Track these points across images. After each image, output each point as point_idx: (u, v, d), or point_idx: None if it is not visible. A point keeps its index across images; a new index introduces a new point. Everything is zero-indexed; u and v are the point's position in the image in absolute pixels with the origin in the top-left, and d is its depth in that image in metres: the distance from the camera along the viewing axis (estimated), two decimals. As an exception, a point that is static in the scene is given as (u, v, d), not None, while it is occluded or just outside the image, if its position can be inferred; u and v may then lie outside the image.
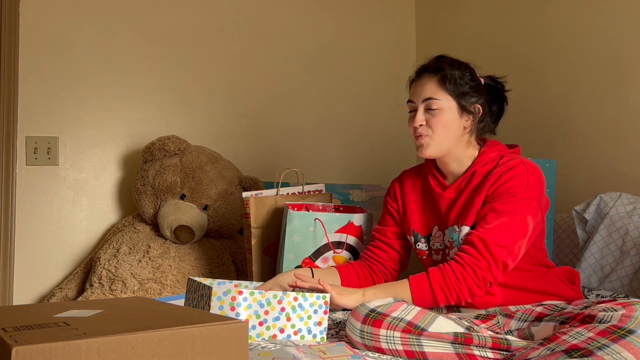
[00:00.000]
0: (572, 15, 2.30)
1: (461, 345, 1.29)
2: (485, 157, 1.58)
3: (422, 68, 1.61)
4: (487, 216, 1.48)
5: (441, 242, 1.62)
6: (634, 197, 1.96)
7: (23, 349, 0.75)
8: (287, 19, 2.75)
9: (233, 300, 1.37)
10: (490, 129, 1.65)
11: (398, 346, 1.30)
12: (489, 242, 1.45)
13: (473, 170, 1.58)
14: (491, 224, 1.46)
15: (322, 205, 1.95)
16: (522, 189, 1.49)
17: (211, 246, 2.28)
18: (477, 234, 1.47)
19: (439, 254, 1.62)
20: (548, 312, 1.37)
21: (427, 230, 1.65)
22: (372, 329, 1.33)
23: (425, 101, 1.56)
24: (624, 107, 2.13)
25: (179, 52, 2.52)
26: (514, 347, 1.28)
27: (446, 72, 1.56)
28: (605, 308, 1.20)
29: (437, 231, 1.63)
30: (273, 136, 2.70)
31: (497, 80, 1.66)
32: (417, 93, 1.58)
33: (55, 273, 2.31)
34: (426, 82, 1.57)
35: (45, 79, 2.30)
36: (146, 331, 0.82)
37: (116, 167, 2.43)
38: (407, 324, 1.31)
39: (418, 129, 1.57)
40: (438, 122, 1.55)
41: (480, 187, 1.54)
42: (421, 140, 1.57)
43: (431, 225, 1.65)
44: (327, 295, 1.44)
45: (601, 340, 1.13)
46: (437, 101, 1.55)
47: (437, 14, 2.96)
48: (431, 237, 1.64)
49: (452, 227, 1.57)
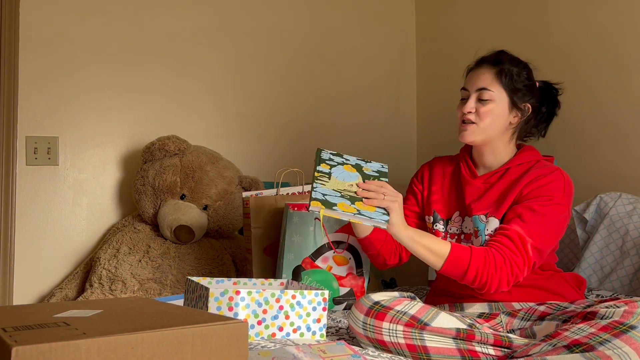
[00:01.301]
0: (572, 15, 2.30)
1: (463, 340, 1.29)
2: (521, 158, 1.62)
3: (483, 59, 1.65)
4: (525, 215, 1.49)
5: (458, 227, 1.63)
6: (634, 197, 1.96)
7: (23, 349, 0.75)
8: (287, 19, 2.75)
9: (231, 300, 1.37)
10: (535, 130, 1.69)
11: (400, 339, 1.31)
12: (526, 242, 1.46)
13: (507, 167, 1.61)
14: (529, 224, 1.47)
15: (322, 205, 1.95)
16: (560, 194, 1.52)
17: (211, 246, 2.28)
18: (516, 230, 1.47)
19: (454, 238, 1.63)
20: (551, 312, 1.39)
21: (448, 214, 1.66)
22: (375, 321, 1.34)
23: (479, 90, 1.58)
24: (624, 107, 2.13)
25: (179, 52, 2.52)
26: (515, 344, 1.29)
27: (504, 66, 1.59)
28: (608, 305, 1.21)
29: (457, 216, 1.64)
30: (273, 136, 2.70)
31: (552, 86, 1.70)
32: (472, 81, 1.61)
33: (55, 273, 2.31)
34: (483, 72, 1.60)
35: (45, 79, 2.30)
36: (146, 331, 0.82)
37: (116, 167, 2.43)
38: (410, 317, 1.32)
39: (466, 115, 1.59)
40: (487, 112, 1.57)
41: (514, 185, 1.56)
42: (466, 126, 1.59)
43: (452, 210, 1.66)
44: (325, 292, 1.44)
45: (603, 335, 1.14)
46: (490, 92, 1.57)
47: (437, 14, 2.95)
48: (450, 221, 1.65)
49: (477, 217, 1.58)
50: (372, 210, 1.44)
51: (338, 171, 1.52)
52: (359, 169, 1.56)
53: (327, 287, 1.83)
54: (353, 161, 1.58)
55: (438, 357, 1.29)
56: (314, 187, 1.45)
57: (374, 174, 1.56)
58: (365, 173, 1.55)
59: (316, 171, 1.50)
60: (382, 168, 1.60)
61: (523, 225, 1.47)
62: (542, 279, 1.56)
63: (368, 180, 1.52)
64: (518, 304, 1.52)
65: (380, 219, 1.44)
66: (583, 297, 1.60)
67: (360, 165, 1.57)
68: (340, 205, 1.42)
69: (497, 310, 1.52)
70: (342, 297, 1.87)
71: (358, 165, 1.57)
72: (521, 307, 1.50)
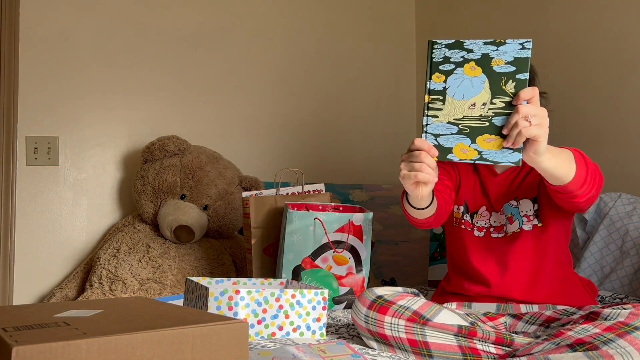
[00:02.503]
0: (572, 15, 2.30)
1: (464, 337, 1.30)
2: None
3: None
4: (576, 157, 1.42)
5: (487, 221, 1.62)
6: (634, 197, 1.96)
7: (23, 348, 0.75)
8: (287, 19, 2.75)
9: (230, 300, 1.37)
10: None
11: (402, 334, 1.31)
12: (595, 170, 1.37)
13: None
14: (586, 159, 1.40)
15: (322, 205, 1.95)
16: None
17: (211, 246, 2.28)
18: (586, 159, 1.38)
19: (482, 231, 1.61)
20: (557, 317, 1.38)
21: (474, 208, 1.65)
22: (378, 315, 1.34)
23: None
24: (624, 107, 2.13)
25: (179, 52, 2.52)
26: (517, 342, 1.29)
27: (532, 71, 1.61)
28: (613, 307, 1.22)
29: (484, 211, 1.63)
30: (273, 136, 2.70)
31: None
32: None
33: (55, 273, 2.32)
34: None
35: (45, 79, 2.30)
36: (146, 331, 0.83)
37: (116, 167, 2.43)
38: (413, 313, 1.33)
39: None
40: None
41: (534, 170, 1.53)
42: None
43: (478, 204, 1.64)
44: (325, 291, 1.44)
45: (607, 335, 1.14)
46: None
47: (437, 14, 2.96)
48: (476, 215, 1.64)
49: (507, 204, 1.57)
50: (493, 147, 1.16)
51: (456, 82, 1.16)
52: (485, 66, 1.16)
53: (326, 287, 1.83)
54: (477, 51, 1.16)
55: (439, 352, 1.30)
56: (426, 125, 1.17)
57: (507, 71, 1.15)
58: (495, 72, 1.16)
59: (427, 93, 1.16)
60: (521, 52, 1.15)
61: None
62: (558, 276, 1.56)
63: (497, 88, 1.16)
64: (524, 307, 1.52)
65: (509, 160, 1.16)
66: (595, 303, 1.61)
67: (489, 58, 1.16)
68: (456, 150, 1.17)
69: (504, 312, 1.53)
70: (342, 296, 1.87)
71: (485, 59, 1.16)
72: (527, 311, 1.51)
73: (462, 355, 1.29)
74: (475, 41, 1.15)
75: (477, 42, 1.15)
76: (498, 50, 1.15)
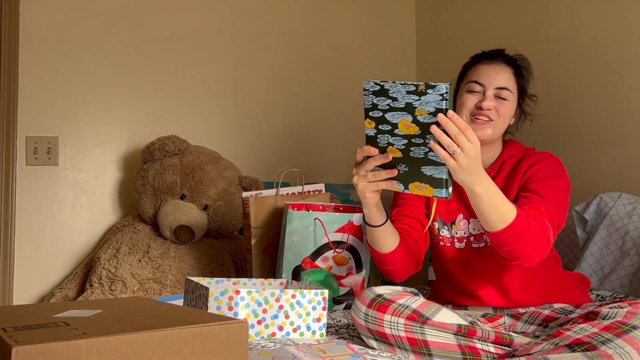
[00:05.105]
0: (572, 15, 2.30)
1: (464, 337, 1.30)
2: (510, 151, 1.60)
3: (496, 53, 1.60)
4: (541, 191, 1.46)
5: (466, 230, 1.59)
6: (634, 197, 1.96)
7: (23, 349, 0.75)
8: (287, 19, 2.75)
9: (230, 300, 1.37)
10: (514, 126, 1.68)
11: (401, 332, 1.31)
12: (553, 217, 1.42)
13: (501, 161, 1.59)
14: (548, 200, 1.44)
15: (322, 205, 1.95)
16: (561, 170, 1.53)
17: (211, 246, 2.28)
18: (543, 206, 1.42)
19: (462, 242, 1.59)
20: (555, 316, 1.38)
21: (451, 218, 1.60)
22: (377, 313, 1.34)
23: (499, 89, 1.54)
24: (624, 107, 2.13)
25: (179, 52, 2.52)
26: (516, 342, 1.29)
27: (521, 66, 1.59)
28: (611, 306, 1.22)
29: (461, 220, 1.59)
30: (273, 136, 2.70)
31: None
32: (490, 77, 1.54)
33: (55, 273, 2.32)
34: (502, 69, 1.56)
35: (45, 79, 2.30)
36: (146, 331, 0.83)
37: (116, 167, 2.43)
38: (412, 311, 1.32)
39: (485, 111, 1.52)
40: (505, 112, 1.54)
41: (513, 174, 1.55)
42: (487, 123, 1.52)
43: (455, 213, 1.60)
44: (325, 292, 1.44)
45: (605, 335, 1.14)
46: (509, 93, 1.54)
47: (437, 14, 2.95)
48: (454, 225, 1.61)
49: None
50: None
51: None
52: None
53: (326, 287, 1.83)
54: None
55: (438, 351, 1.29)
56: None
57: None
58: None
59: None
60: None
61: (542, 200, 1.43)
62: (548, 278, 1.55)
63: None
64: (523, 308, 1.52)
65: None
66: (589, 298, 1.60)
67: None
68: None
69: (502, 313, 1.53)
70: (341, 296, 1.87)
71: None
72: (525, 311, 1.50)
73: (461, 354, 1.29)
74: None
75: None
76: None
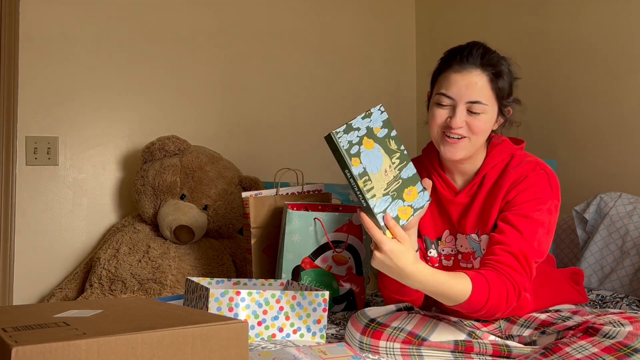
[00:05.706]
0: (572, 15, 2.30)
1: (461, 354, 1.28)
2: (494, 158, 1.44)
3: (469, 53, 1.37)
4: (519, 224, 1.32)
5: (452, 247, 1.48)
6: (634, 197, 1.96)
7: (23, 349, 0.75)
8: (287, 19, 2.75)
9: (231, 300, 1.37)
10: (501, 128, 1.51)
11: (398, 357, 1.30)
12: (530, 258, 1.30)
13: (484, 173, 1.43)
14: (525, 234, 1.31)
15: (321, 205, 1.95)
16: (549, 194, 1.36)
17: (211, 246, 2.28)
18: (518, 247, 1.30)
19: (450, 260, 1.50)
20: (552, 320, 1.35)
21: (437, 234, 1.50)
22: (372, 340, 1.32)
23: (471, 103, 1.35)
24: (624, 107, 2.13)
25: (179, 52, 2.52)
26: (514, 353, 1.27)
27: (497, 70, 1.37)
28: (612, 321, 1.18)
29: (447, 235, 1.49)
30: (273, 136, 2.70)
31: None
32: (460, 90, 1.35)
33: (55, 273, 2.31)
34: (474, 79, 1.35)
35: (45, 79, 2.30)
36: (146, 331, 0.82)
37: (116, 167, 2.43)
38: (408, 334, 1.31)
39: (455, 130, 1.36)
40: (480, 127, 1.36)
41: (494, 192, 1.40)
42: (458, 142, 1.37)
43: (440, 228, 1.49)
44: (325, 293, 1.43)
45: (606, 358, 1.12)
46: (484, 106, 1.35)
47: (437, 14, 2.95)
48: (440, 242, 1.50)
49: (469, 236, 1.44)
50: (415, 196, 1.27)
51: (366, 159, 1.22)
52: (373, 136, 1.25)
53: (326, 287, 1.83)
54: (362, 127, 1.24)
55: None
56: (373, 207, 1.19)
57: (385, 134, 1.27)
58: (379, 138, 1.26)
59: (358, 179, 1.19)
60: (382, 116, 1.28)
61: (519, 237, 1.31)
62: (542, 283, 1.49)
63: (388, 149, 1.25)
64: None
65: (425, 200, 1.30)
66: (583, 293, 1.58)
67: (371, 128, 1.26)
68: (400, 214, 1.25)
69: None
70: (342, 296, 1.87)
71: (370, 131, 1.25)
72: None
73: None
74: (355, 120, 1.24)
75: (357, 120, 1.24)
76: (371, 120, 1.26)
